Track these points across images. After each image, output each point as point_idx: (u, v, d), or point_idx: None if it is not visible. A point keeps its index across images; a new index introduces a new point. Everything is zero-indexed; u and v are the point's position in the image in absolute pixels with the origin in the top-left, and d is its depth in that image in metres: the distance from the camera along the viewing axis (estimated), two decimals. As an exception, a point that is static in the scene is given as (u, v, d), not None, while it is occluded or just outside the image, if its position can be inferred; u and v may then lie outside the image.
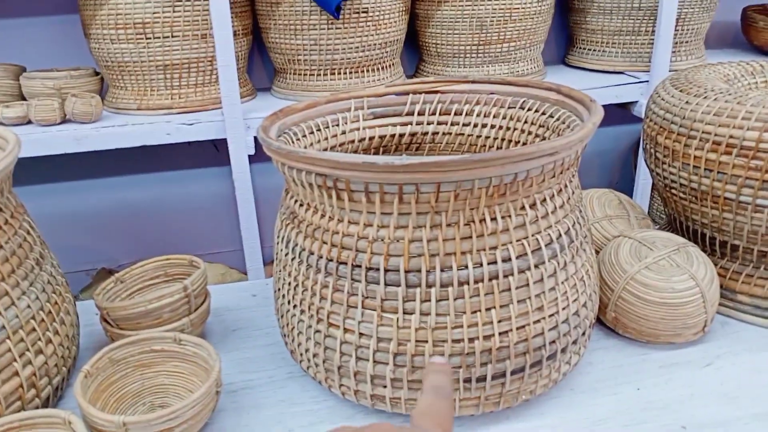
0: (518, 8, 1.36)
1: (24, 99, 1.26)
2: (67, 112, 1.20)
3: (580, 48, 1.58)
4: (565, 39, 1.70)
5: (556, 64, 1.69)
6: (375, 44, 1.32)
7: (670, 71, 1.42)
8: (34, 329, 0.57)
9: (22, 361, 0.56)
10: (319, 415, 0.59)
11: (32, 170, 1.41)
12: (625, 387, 0.61)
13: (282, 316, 0.62)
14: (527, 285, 0.52)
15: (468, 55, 1.41)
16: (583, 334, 0.59)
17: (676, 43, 1.47)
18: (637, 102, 1.46)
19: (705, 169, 0.68)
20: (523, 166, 0.48)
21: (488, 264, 0.51)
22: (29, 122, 1.22)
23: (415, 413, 0.31)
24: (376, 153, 0.72)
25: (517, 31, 1.39)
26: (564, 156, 0.50)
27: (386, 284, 0.52)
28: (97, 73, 1.32)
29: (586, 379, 0.62)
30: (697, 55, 1.56)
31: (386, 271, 0.51)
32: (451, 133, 0.72)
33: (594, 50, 1.55)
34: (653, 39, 1.44)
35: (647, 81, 1.45)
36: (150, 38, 1.21)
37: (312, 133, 0.66)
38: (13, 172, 0.59)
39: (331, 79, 1.34)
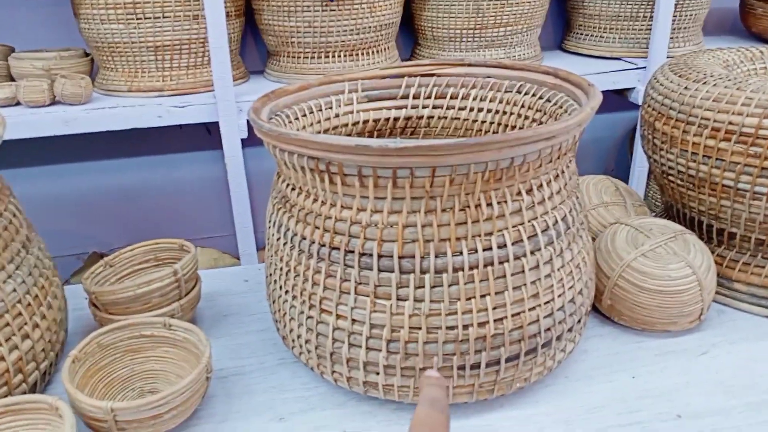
0: (515, -8, 1.35)
1: (12, 80, 1.24)
2: (56, 93, 1.18)
3: (577, 33, 1.57)
4: (562, 24, 1.68)
5: (553, 49, 1.67)
6: (370, 27, 1.30)
7: (667, 57, 1.41)
8: (20, 313, 0.56)
9: (8, 345, 0.55)
10: (311, 401, 0.59)
11: (21, 153, 1.39)
12: (620, 375, 0.61)
13: (274, 302, 0.61)
14: (523, 272, 0.51)
15: (464, 39, 1.39)
16: (579, 321, 0.58)
17: (674, 29, 1.46)
18: (634, 88, 1.45)
19: (703, 155, 0.67)
20: (519, 150, 0.47)
21: (483, 250, 0.50)
22: (18, 104, 1.20)
23: (413, 425, 0.32)
24: (370, 137, 0.71)
25: (514, 16, 1.37)
26: (561, 140, 0.49)
27: (379, 270, 0.51)
28: (87, 54, 1.29)
29: (581, 366, 0.62)
30: (695, 41, 1.55)
31: (380, 256, 0.50)
32: (446, 117, 0.70)
33: (591, 36, 1.53)
34: (651, 25, 1.43)
35: (644, 67, 1.44)
36: (141, 18, 1.19)
37: (305, 115, 0.65)
38: (-2, 154, 0.58)
39: (325, 62, 1.32)
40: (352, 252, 0.51)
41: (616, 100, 1.51)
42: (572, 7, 1.56)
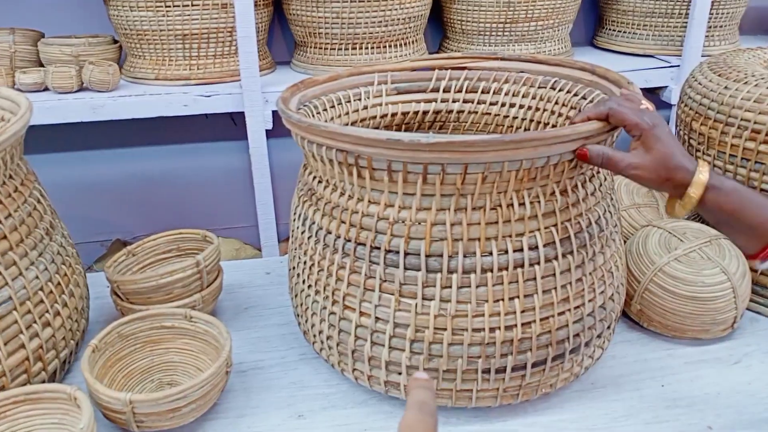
0: (547, -14, 1.32)
1: (41, 65, 1.24)
2: (84, 79, 1.18)
3: (610, 29, 1.54)
4: (593, 19, 1.65)
5: (584, 45, 1.64)
6: (398, 19, 1.29)
7: (702, 56, 1.38)
8: (42, 301, 0.56)
9: (29, 333, 0.54)
10: (331, 399, 0.58)
11: (47, 138, 1.40)
12: (648, 383, 0.59)
13: (296, 296, 0.60)
14: (553, 275, 0.50)
15: (494, 33, 1.37)
16: (608, 327, 0.56)
17: (710, 27, 1.42)
18: (666, 87, 1.41)
19: (742, 158, 0.65)
20: (556, 149, 0.45)
21: (514, 251, 0.48)
22: (46, 89, 1.20)
23: (401, 429, 0.31)
24: (398, 130, 0.69)
25: (546, 10, 1.35)
26: (599, 140, 0.48)
27: (406, 268, 0.49)
28: (115, 41, 1.29)
29: (608, 373, 0.60)
30: (730, 40, 1.51)
31: (406, 254, 0.49)
32: (476, 112, 0.69)
33: (624, 32, 1.50)
34: (686, 22, 1.39)
35: (678, 66, 1.40)
36: (169, 6, 1.19)
37: (333, 107, 0.64)
38: (25, 139, 0.57)
39: (352, 54, 1.31)
40: (378, 248, 0.50)
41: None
42: (605, 3, 1.53)
